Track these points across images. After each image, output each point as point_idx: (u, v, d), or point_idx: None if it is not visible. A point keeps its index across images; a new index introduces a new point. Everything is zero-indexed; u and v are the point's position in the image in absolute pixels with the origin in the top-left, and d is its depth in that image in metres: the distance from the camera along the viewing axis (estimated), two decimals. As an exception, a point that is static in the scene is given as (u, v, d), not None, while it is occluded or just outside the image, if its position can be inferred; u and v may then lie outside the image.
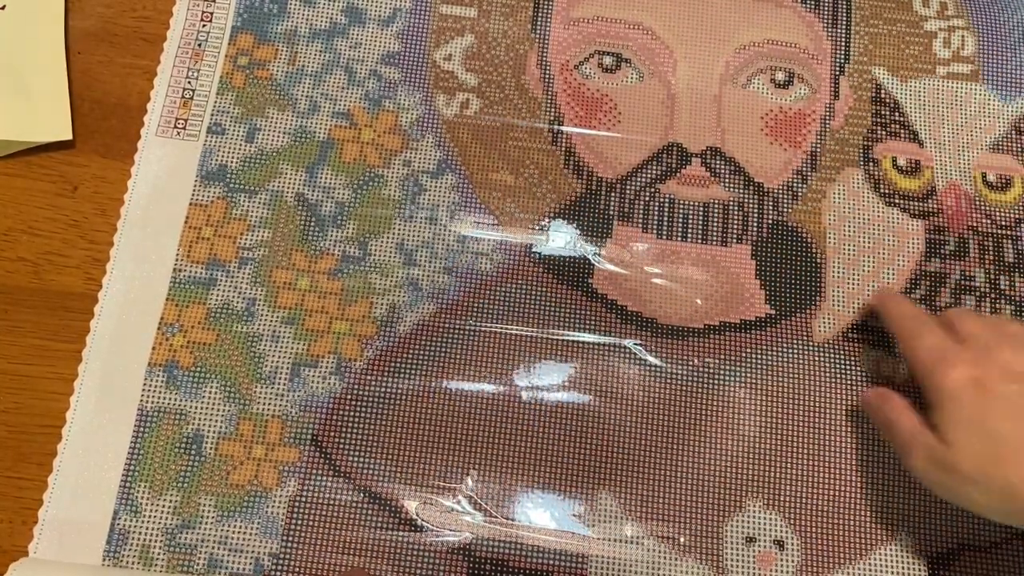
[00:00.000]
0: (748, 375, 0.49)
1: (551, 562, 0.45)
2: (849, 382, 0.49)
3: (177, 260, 0.49)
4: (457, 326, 0.49)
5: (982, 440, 0.39)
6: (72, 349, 0.48)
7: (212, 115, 0.52)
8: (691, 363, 0.49)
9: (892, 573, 0.46)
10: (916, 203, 0.53)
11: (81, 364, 0.47)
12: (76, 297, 0.49)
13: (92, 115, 0.53)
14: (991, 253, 0.52)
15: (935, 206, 0.53)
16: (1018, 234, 0.52)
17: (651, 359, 0.49)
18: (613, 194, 0.52)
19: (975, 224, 0.52)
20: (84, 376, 0.47)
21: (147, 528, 0.45)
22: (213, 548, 0.45)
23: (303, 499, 0.46)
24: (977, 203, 0.53)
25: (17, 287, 0.49)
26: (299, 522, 0.45)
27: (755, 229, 0.52)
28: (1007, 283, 0.51)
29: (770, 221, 0.52)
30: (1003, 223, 0.52)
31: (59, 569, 0.43)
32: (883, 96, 0.55)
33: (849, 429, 0.48)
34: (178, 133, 0.52)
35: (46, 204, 0.51)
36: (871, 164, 0.53)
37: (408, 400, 0.47)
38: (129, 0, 0.55)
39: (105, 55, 0.54)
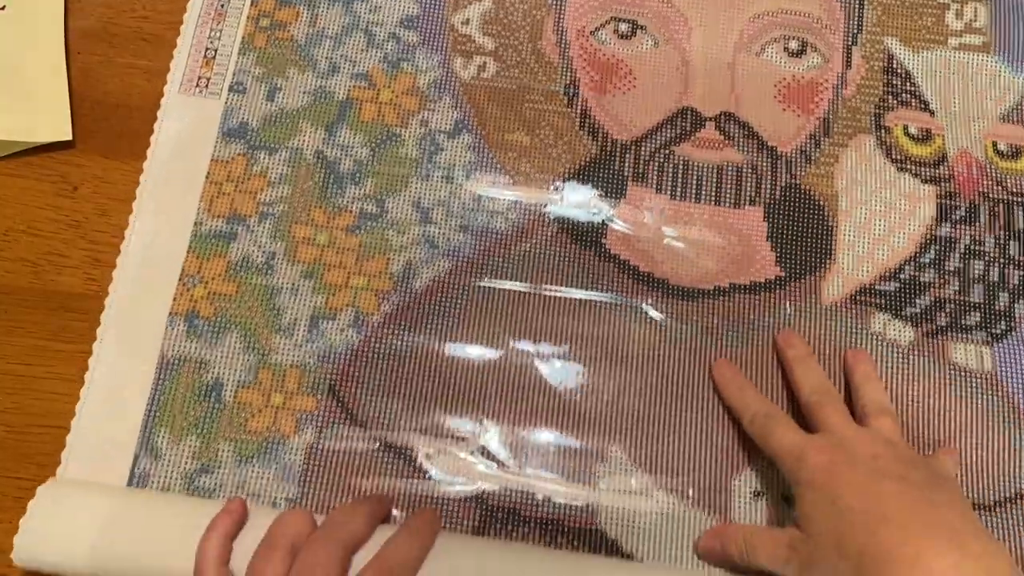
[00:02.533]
0: (757, 335, 0.49)
1: (562, 512, 0.46)
2: (857, 342, 0.49)
3: (198, 214, 0.50)
4: (472, 283, 0.50)
5: (834, 520, 0.39)
6: (72, 349, 0.48)
7: (234, 74, 0.53)
8: (701, 324, 0.49)
9: (897, 528, 0.46)
10: (928, 169, 0.53)
11: (103, 312, 0.48)
12: (76, 297, 0.49)
13: (92, 115, 0.53)
14: (1001, 219, 0.52)
15: (947, 172, 0.53)
16: (1028, 201, 0.53)
17: (662, 319, 0.49)
18: (628, 155, 0.53)
19: (986, 190, 0.53)
20: (106, 324, 0.48)
21: (167, 472, 0.46)
22: (232, 492, 0.46)
23: (320, 447, 0.47)
24: (988, 170, 0.53)
25: (17, 287, 0.49)
26: (316, 468, 0.46)
27: (768, 192, 0.52)
28: (1017, 249, 0.52)
29: (783, 184, 0.52)
30: (1014, 190, 0.53)
31: (85, 490, 0.44)
32: (895, 66, 0.56)
33: (857, 388, 0.49)
34: (200, 91, 0.53)
35: (46, 204, 0.51)
36: (883, 131, 0.54)
37: (424, 353, 0.48)
38: (129, 0, 0.55)
39: (105, 55, 0.54)
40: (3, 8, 0.54)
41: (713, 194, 0.52)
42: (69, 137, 0.51)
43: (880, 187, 0.53)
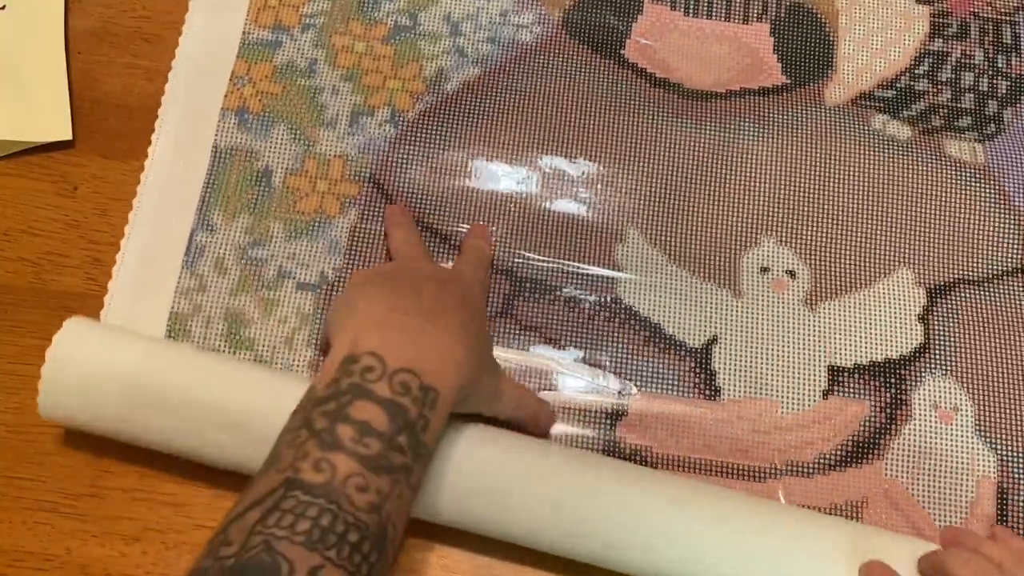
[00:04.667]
0: (765, 133, 0.53)
1: (585, 285, 0.50)
2: (857, 138, 0.53)
3: (246, 25, 0.54)
4: (500, 86, 0.54)
5: None
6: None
7: (275, -98, 0.57)
8: (715, 121, 0.53)
9: (894, 299, 0.50)
10: (922, -10, 0.57)
11: (160, 108, 0.52)
12: (76, 297, 0.49)
13: (92, 115, 0.52)
14: (991, 35, 0.56)
15: (939, -7, 0.57)
16: (1016, 19, 0.56)
17: (677, 118, 0.53)
18: (643, -25, 0.56)
19: (976, 10, 0.57)
20: (164, 116, 0.52)
21: (222, 244, 0.50)
22: (282, 262, 0.50)
23: (362, 227, 0.51)
24: (978, -9, 0.57)
25: (17, 287, 0.49)
26: (359, 244, 0.50)
27: (774, 9, 0.56)
28: (1004, 61, 0.56)
29: (788, 3, 0.56)
30: (1003, 9, 0.57)
31: (108, 333, 0.44)
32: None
33: (855, 178, 0.53)
34: (243, -82, 0.57)
35: (46, 204, 0.50)
36: (880, -42, 0.58)
37: (456, 146, 0.52)
38: (129, 0, 0.55)
39: (105, 55, 0.54)
40: (3, 8, 0.54)
41: (724, 11, 0.56)
42: (69, 137, 0.51)
43: (877, 6, 0.57)
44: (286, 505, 0.32)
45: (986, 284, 0.51)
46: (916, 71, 0.55)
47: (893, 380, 0.49)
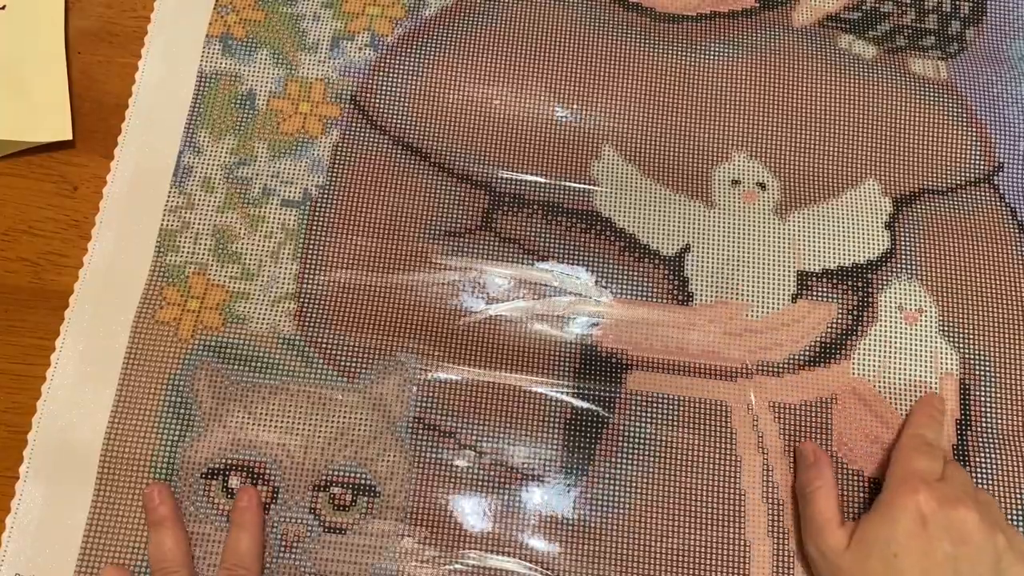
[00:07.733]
0: (735, 53, 0.55)
1: (562, 196, 0.51)
2: (823, 56, 0.55)
3: (228, -44, 0.56)
4: (477, 10, 0.55)
5: (883, 565, 0.41)
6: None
7: None
8: (687, 42, 0.55)
9: (862, 208, 0.52)
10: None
11: (147, 36, 0.53)
12: None
13: (92, 115, 0.53)
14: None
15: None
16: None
17: (650, 40, 0.55)
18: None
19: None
20: (150, 45, 0.53)
21: (208, 164, 0.51)
22: (267, 180, 0.51)
23: (344, 146, 0.52)
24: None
25: (17, 287, 0.49)
26: (341, 162, 0.52)
27: (742, -65, 0.58)
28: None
29: (756, -72, 0.58)
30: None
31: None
32: None
33: (823, 94, 0.54)
34: None
35: (46, 204, 0.51)
36: None
37: (434, 68, 0.54)
38: (129, 0, 0.56)
39: (105, 55, 0.54)
40: (3, 8, 0.54)
41: (694, -62, 0.58)
42: (69, 137, 0.52)
43: (845, -68, 0.58)
44: None
45: (950, 193, 0.53)
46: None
47: (860, 284, 0.50)
